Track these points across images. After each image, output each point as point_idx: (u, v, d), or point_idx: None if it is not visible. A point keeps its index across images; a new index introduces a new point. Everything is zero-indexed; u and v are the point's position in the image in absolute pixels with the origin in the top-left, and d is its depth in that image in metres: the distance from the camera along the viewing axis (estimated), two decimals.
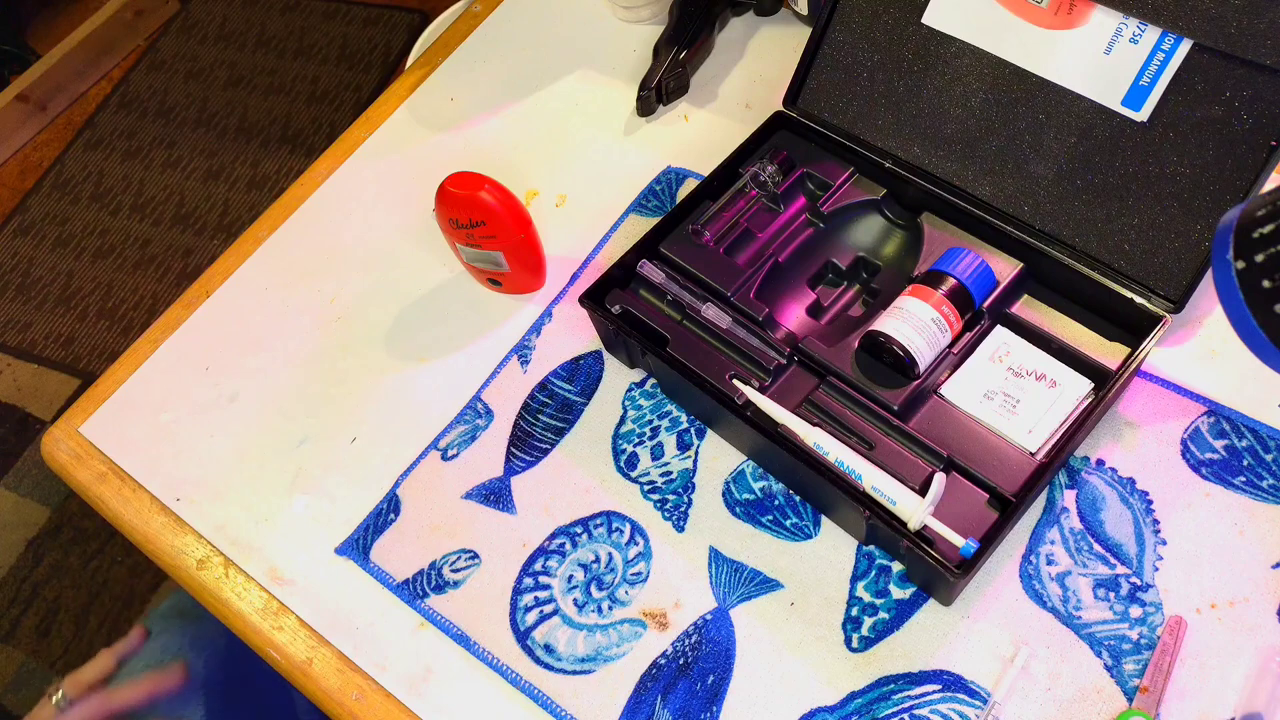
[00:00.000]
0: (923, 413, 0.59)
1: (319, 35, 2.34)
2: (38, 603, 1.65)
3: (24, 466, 1.81)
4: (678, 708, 0.56)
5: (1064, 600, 0.55)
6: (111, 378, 0.77)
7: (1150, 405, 0.60)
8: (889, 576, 0.58)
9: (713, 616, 0.58)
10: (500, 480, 0.66)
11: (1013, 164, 0.64)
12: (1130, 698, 0.52)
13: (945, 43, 0.65)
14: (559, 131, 0.83)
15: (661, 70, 0.79)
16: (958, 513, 0.55)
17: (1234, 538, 0.55)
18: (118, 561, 1.66)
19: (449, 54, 0.91)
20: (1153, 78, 0.58)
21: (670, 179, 0.77)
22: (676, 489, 0.63)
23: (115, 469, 0.72)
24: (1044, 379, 0.58)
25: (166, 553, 0.68)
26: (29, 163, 2.32)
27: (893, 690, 0.54)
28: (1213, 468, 0.57)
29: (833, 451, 0.56)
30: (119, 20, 2.44)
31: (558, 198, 0.79)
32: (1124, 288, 0.59)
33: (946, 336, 0.59)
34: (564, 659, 0.58)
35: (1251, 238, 0.40)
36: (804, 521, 0.60)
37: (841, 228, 0.67)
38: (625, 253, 0.66)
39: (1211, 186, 0.58)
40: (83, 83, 2.41)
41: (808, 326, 0.64)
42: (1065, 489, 0.58)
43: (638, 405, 0.67)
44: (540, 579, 0.61)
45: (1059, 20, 0.61)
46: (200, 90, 2.33)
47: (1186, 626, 0.53)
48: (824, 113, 0.70)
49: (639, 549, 0.61)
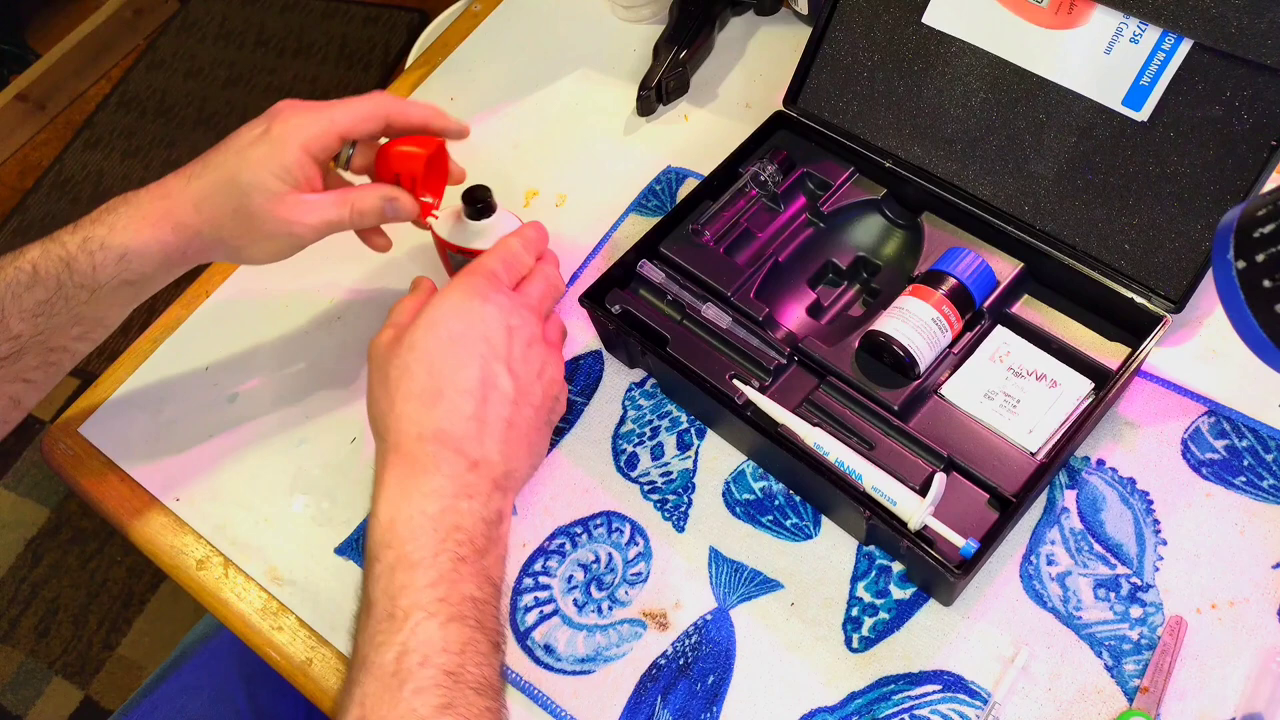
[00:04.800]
0: (923, 413, 0.59)
1: (318, 35, 2.34)
2: (37, 602, 1.65)
3: (23, 466, 1.81)
4: (678, 708, 0.56)
5: (1064, 600, 0.55)
6: (111, 378, 0.77)
7: (1150, 405, 0.60)
8: (889, 576, 0.58)
9: (713, 616, 0.58)
10: None
11: (1013, 164, 0.63)
12: (1130, 698, 0.52)
13: (945, 42, 0.65)
14: (559, 131, 0.83)
15: (661, 70, 0.79)
16: (958, 513, 0.55)
17: (1234, 538, 0.55)
18: (117, 561, 1.66)
19: (449, 54, 0.91)
20: (1153, 77, 0.58)
21: (670, 179, 0.77)
22: (676, 489, 0.63)
23: (115, 469, 0.72)
24: (1044, 379, 0.58)
25: (166, 553, 0.68)
26: (28, 162, 2.32)
27: (893, 690, 0.54)
28: (1213, 468, 0.57)
29: (833, 451, 0.56)
30: (118, 19, 2.43)
31: (558, 198, 0.79)
32: (1124, 288, 0.59)
33: (947, 336, 0.59)
34: (564, 659, 0.58)
35: (1252, 237, 0.40)
36: (804, 521, 0.60)
37: (841, 227, 0.67)
38: (625, 253, 0.66)
39: (1211, 186, 0.58)
40: (82, 82, 2.41)
41: (808, 326, 0.64)
42: (1065, 489, 0.58)
43: (638, 405, 0.67)
44: (540, 579, 0.61)
45: (1059, 20, 0.61)
46: (200, 89, 2.33)
47: (1187, 626, 0.53)
48: (824, 112, 0.70)
49: (639, 549, 0.61)
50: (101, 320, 0.63)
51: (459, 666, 0.48)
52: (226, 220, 0.60)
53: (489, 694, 0.48)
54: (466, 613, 0.49)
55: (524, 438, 0.56)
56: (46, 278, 0.59)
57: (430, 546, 0.50)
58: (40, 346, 0.61)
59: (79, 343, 0.63)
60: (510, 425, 0.55)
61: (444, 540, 0.51)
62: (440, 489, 0.52)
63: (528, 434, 0.57)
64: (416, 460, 0.53)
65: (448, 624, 0.48)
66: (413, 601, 0.49)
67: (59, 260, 0.60)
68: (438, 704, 0.46)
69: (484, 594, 0.51)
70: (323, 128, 0.61)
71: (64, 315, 0.61)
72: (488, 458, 0.54)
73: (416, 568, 0.50)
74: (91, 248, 0.60)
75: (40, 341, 0.61)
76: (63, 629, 1.61)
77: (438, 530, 0.51)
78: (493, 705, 0.48)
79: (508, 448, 0.55)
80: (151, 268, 0.61)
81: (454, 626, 0.49)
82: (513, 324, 0.57)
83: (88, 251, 0.60)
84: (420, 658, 0.47)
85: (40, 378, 0.63)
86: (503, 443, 0.55)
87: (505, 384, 0.55)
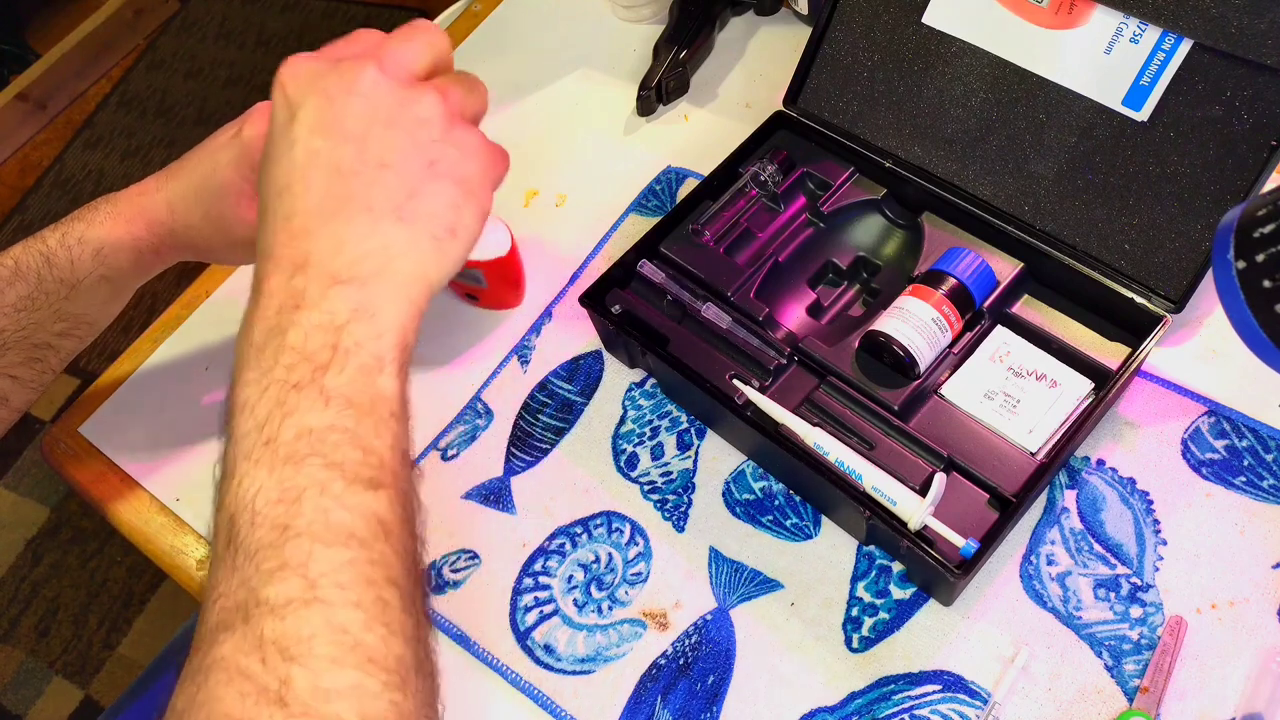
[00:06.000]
0: (923, 413, 0.59)
1: (319, 34, 2.34)
2: (37, 602, 1.65)
3: (23, 466, 1.81)
4: (678, 708, 0.56)
5: (1064, 600, 0.55)
6: (111, 377, 0.77)
7: (1150, 405, 0.60)
8: (889, 576, 0.58)
9: (713, 616, 0.58)
10: (500, 480, 0.65)
11: (1013, 164, 0.63)
12: (1130, 698, 0.52)
13: (945, 42, 0.65)
14: (559, 131, 0.83)
15: (661, 70, 0.79)
16: (958, 513, 0.55)
17: (1234, 538, 0.55)
18: (117, 561, 1.66)
19: None
20: (1153, 77, 0.58)
21: (670, 179, 0.77)
22: (676, 489, 0.63)
23: (115, 469, 0.72)
24: (1044, 379, 0.58)
25: (166, 553, 0.68)
26: (29, 162, 2.32)
27: (893, 690, 0.54)
28: (1213, 468, 0.57)
29: (833, 451, 0.56)
30: (118, 19, 2.44)
31: (558, 197, 0.79)
32: (1124, 288, 0.59)
33: (947, 336, 0.59)
34: (564, 659, 0.58)
35: (1252, 237, 0.40)
36: (804, 521, 0.60)
37: (841, 227, 0.67)
38: (625, 253, 0.66)
39: (1212, 186, 0.58)
40: (82, 82, 2.41)
41: (808, 326, 0.64)
42: (1065, 489, 0.58)
43: (638, 405, 0.67)
44: (540, 579, 0.61)
45: (1059, 20, 0.61)
46: (200, 89, 2.33)
47: (1187, 626, 0.53)
48: (824, 112, 0.70)
49: (639, 549, 0.61)
50: (83, 317, 0.63)
51: (290, 518, 0.38)
52: (198, 221, 0.60)
53: (343, 543, 0.38)
54: (302, 450, 0.39)
55: (390, 210, 0.44)
56: (27, 273, 0.60)
57: (255, 383, 0.41)
58: (24, 343, 0.61)
59: (64, 339, 0.63)
60: (346, 200, 0.43)
61: (269, 369, 0.41)
62: (265, 310, 0.42)
63: (394, 204, 0.44)
64: (254, 285, 0.44)
65: (278, 468, 0.39)
66: (239, 452, 0.40)
67: (39, 255, 0.60)
68: (269, 569, 0.37)
69: (329, 421, 0.40)
70: None
71: (45, 310, 0.61)
72: (315, 251, 0.43)
73: (242, 411, 0.41)
74: (69, 242, 0.60)
75: (23, 338, 0.61)
76: (63, 629, 1.61)
77: (261, 359, 0.41)
78: (344, 555, 0.38)
79: (351, 228, 0.43)
80: (126, 263, 0.61)
81: (287, 470, 0.39)
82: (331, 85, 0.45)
83: (65, 246, 0.60)
84: (249, 518, 0.38)
85: (27, 375, 0.63)
86: (339, 223, 0.43)
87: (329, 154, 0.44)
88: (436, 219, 0.45)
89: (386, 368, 0.42)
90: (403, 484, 0.42)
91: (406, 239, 0.44)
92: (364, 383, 0.41)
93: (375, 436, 0.41)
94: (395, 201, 0.44)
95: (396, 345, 0.43)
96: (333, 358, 0.41)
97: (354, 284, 0.42)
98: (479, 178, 0.46)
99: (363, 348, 0.42)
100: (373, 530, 0.39)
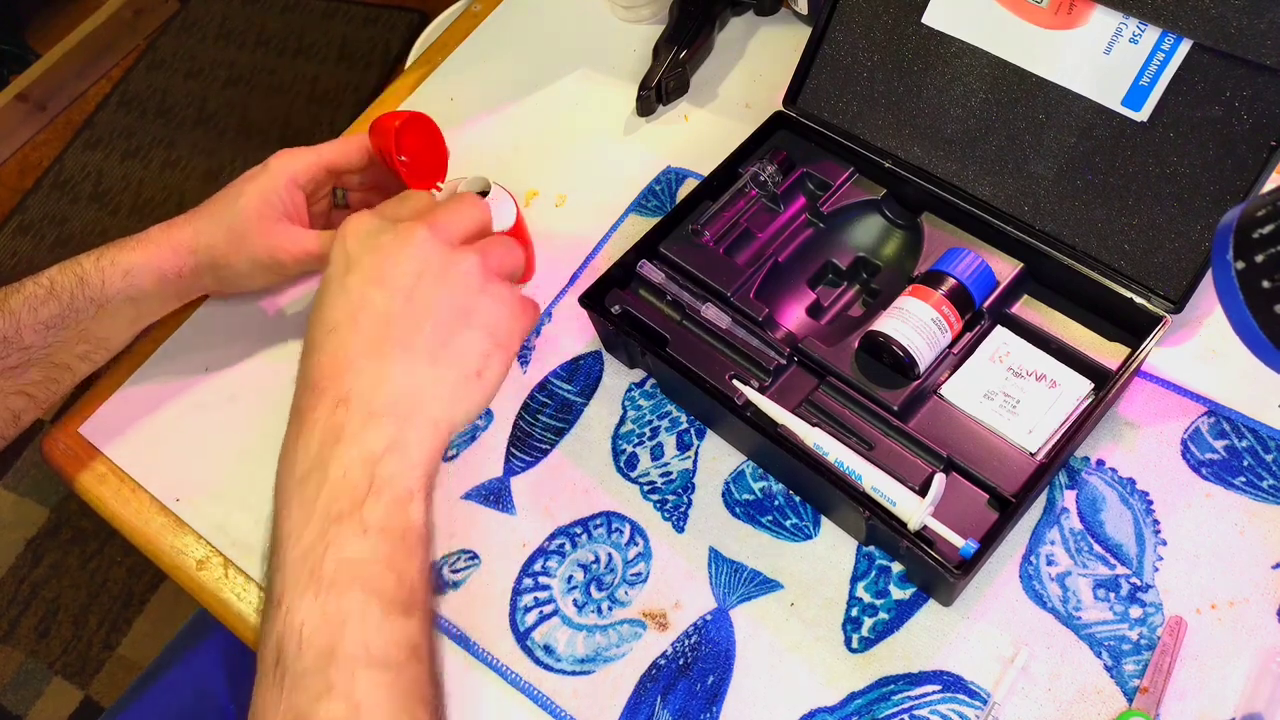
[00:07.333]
0: (923, 413, 0.59)
1: (319, 35, 2.34)
2: (37, 603, 1.65)
3: (23, 466, 1.81)
4: (677, 708, 0.56)
5: (1064, 600, 0.55)
6: (111, 378, 0.77)
7: (1150, 405, 0.60)
8: (889, 577, 0.58)
9: (713, 617, 0.58)
10: (500, 480, 0.66)
11: (1013, 164, 0.64)
12: (1130, 698, 0.52)
13: (945, 43, 0.65)
14: (559, 131, 0.83)
15: (661, 70, 0.79)
16: (958, 513, 0.55)
17: (1234, 538, 0.55)
18: (117, 562, 1.66)
19: (449, 54, 0.91)
20: (1153, 78, 0.58)
21: (670, 179, 0.77)
22: (676, 489, 0.63)
23: (115, 469, 0.72)
24: (1044, 379, 0.58)
25: (166, 553, 0.68)
26: (28, 162, 2.32)
27: (893, 691, 0.54)
28: (1213, 468, 0.57)
29: (833, 452, 0.56)
30: (118, 20, 2.44)
31: (558, 198, 0.79)
32: (1124, 288, 0.59)
33: (946, 336, 0.59)
34: (564, 659, 0.58)
35: (1251, 238, 0.40)
36: (804, 522, 0.60)
37: (841, 228, 0.67)
38: (625, 253, 0.66)
39: (1211, 186, 0.58)
40: (82, 82, 2.41)
41: (808, 327, 0.64)
42: (1065, 489, 0.58)
43: (637, 405, 0.67)
44: (540, 579, 0.61)
45: (1059, 20, 0.61)
46: (200, 90, 2.33)
47: (1186, 627, 0.53)
48: (824, 113, 0.70)
49: (639, 549, 0.61)
50: (105, 340, 0.67)
51: (335, 643, 0.43)
52: (219, 241, 0.65)
53: (382, 666, 0.43)
54: (342, 580, 0.44)
55: (426, 354, 0.49)
56: (61, 292, 0.64)
57: (299, 513, 0.46)
58: (46, 361, 0.65)
59: (81, 362, 0.67)
60: (388, 342, 0.49)
61: (312, 501, 0.46)
62: (308, 441, 0.47)
63: (430, 349, 0.49)
64: (296, 413, 0.49)
65: (322, 596, 0.44)
66: (286, 582, 0.44)
67: (75, 276, 0.64)
68: (315, 692, 0.42)
69: (367, 551, 0.45)
70: (309, 160, 0.67)
71: (73, 330, 0.65)
72: (357, 386, 0.48)
73: (286, 541, 0.45)
74: (104, 264, 0.65)
75: (47, 356, 0.65)
76: (63, 629, 1.61)
77: (304, 491, 0.46)
78: (384, 678, 0.43)
79: (391, 368, 0.48)
80: (151, 284, 0.65)
81: (330, 598, 0.44)
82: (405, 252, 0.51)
83: (100, 267, 0.65)
84: (296, 643, 0.43)
85: (41, 394, 0.67)
86: (381, 363, 0.48)
87: (380, 302, 0.49)
88: (467, 362, 0.50)
89: (416, 497, 0.47)
90: (429, 606, 0.47)
91: (437, 380, 0.50)
92: (397, 513, 0.46)
93: (407, 562, 0.46)
94: (431, 347, 0.50)
95: (424, 476, 0.48)
96: (369, 491, 0.46)
97: (390, 419, 0.48)
98: (508, 328, 0.52)
99: (396, 481, 0.47)
100: (406, 655, 0.44)
